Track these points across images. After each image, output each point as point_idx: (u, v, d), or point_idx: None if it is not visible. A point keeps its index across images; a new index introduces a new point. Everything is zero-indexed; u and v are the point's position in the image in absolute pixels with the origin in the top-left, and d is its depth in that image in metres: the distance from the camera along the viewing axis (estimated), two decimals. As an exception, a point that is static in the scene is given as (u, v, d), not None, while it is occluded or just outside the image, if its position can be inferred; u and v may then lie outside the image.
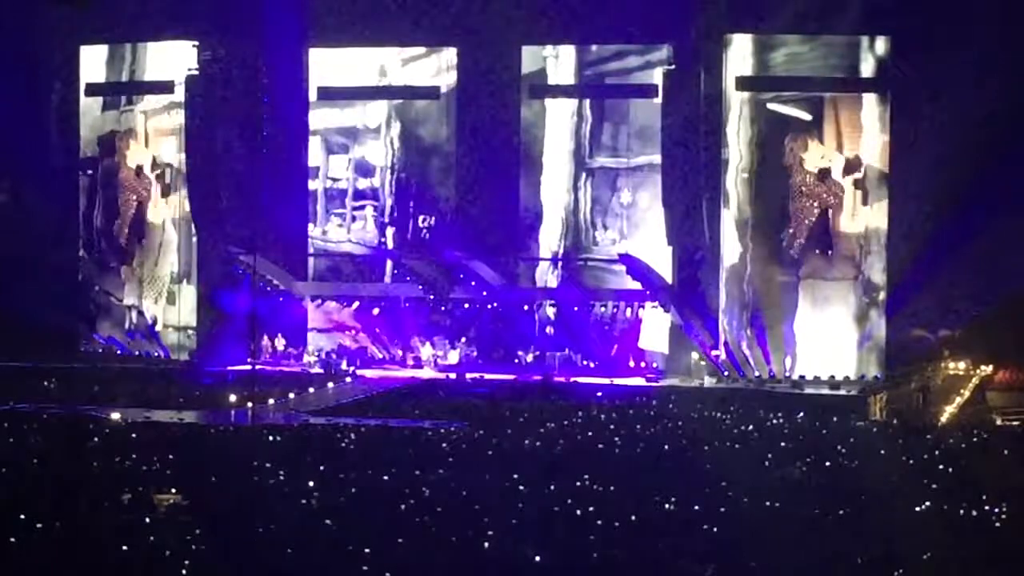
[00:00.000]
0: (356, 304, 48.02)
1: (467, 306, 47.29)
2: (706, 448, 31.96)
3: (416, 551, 21.40)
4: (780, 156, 44.64)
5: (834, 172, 44.57)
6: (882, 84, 44.60)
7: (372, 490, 26.06)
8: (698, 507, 24.87)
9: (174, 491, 25.03)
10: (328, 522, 23.10)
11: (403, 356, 47.39)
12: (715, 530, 23.13)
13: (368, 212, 49.85)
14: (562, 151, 48.35)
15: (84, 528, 22.55)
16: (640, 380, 44.35)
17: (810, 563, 21.39)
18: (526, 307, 47.83)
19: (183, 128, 47.98)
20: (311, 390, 42.52)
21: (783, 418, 37.79)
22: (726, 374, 44.29)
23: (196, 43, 47.32)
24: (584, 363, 46.17)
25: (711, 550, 21.88)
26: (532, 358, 46.73)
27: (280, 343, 48.02)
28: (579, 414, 37.52)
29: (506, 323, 48.05)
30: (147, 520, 23.22)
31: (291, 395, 41.68)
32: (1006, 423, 41.49)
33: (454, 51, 48.78)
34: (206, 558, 20.82)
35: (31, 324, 46.25)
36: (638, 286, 45.17)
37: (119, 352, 49.01)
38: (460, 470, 28.26)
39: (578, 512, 24.23)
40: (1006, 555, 21.96)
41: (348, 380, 44.38)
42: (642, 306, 45.87)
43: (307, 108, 49.58)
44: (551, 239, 48.57)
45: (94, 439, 31.86)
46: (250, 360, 43.84)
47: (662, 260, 45.30)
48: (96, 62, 49.74)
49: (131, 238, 49.42)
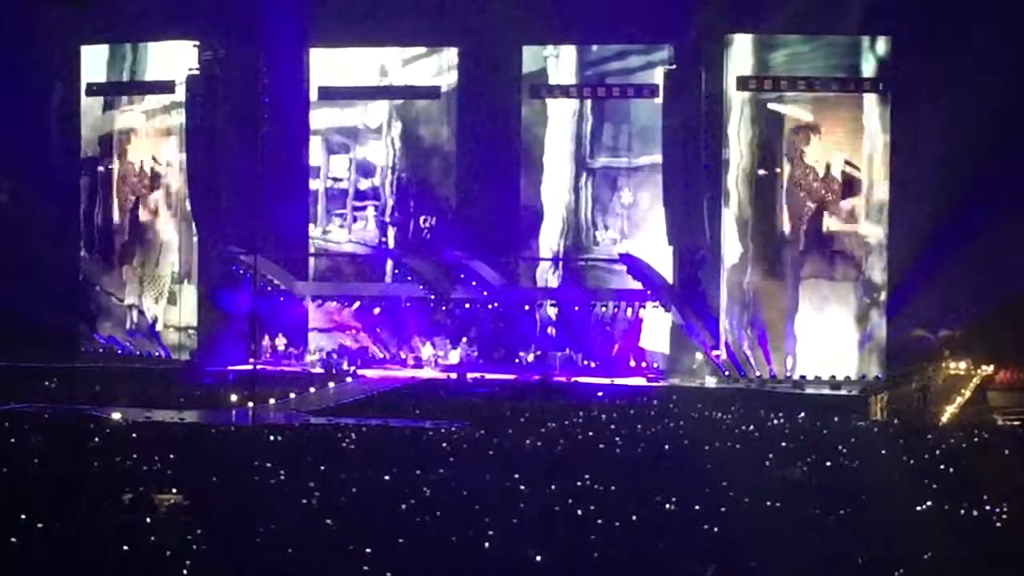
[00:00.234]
0: (357, 304, 48.01)
1: (468, 306, 47.20)
2: (707, 448, 31.92)
3: (417, 551, 21.37)
4: (781, 156, 44.68)
5: (834, 172, 44.59)
6: (882, 84, 44.63)
7: (372, 490, 26.01)
8: (699, 507, 24.82)
9: (175, 491, 25.02)
10: (328, 522, 23.05)
11: (404, 356, 47.41)
12: (716, 530, 23.09)
13: (369, 212, 49.80)
14: (563, 151, 48.26)
15: (85, 528, 22.52)
16: (641, 380, 44.33)
17: (811, 563, 21.35)
18: (527, 307, 47.78)
19: (183, 128, 47.97)
20: (312, 390, 42.49)
21: (784, 418, 37.75)
22: (727, 374, 44.32)
23: (197, 43, 47.34)
24: (585, 363, 46.13)
25: (711, 550, 21.84)
26: (533, 358, 46.70)
27: (281, 343, 47.99)
28: (580, 414, 37.47)
29: (507, 323, 48.01)
30: (148, 520, 23.19)
31: (292, 395, 41.65)
32: (1007, 423, 41.47)
33: (455, 51, 48.76)
34: (207, 558, 20.79)
35: (31, 324, 46.28)
36: (639, 286, 45.11)
37: (120, 352, 49.00)
38: (461, 470, 28.23)
39: (579, 512, 24.18)
40: (1007, 555, 21.92)
41: (349, 380, 44.37)
42: (643, 306, 45.81)
43: (308, 108, 49.55)
44: (552, 239, 48.50)
45: (95, 439, 31.83)
46: (251, 360, 43.87)
47: (663, 260, 45.27)
48: (96, 62, 49.70)
49: (132, 238, 49.44)
